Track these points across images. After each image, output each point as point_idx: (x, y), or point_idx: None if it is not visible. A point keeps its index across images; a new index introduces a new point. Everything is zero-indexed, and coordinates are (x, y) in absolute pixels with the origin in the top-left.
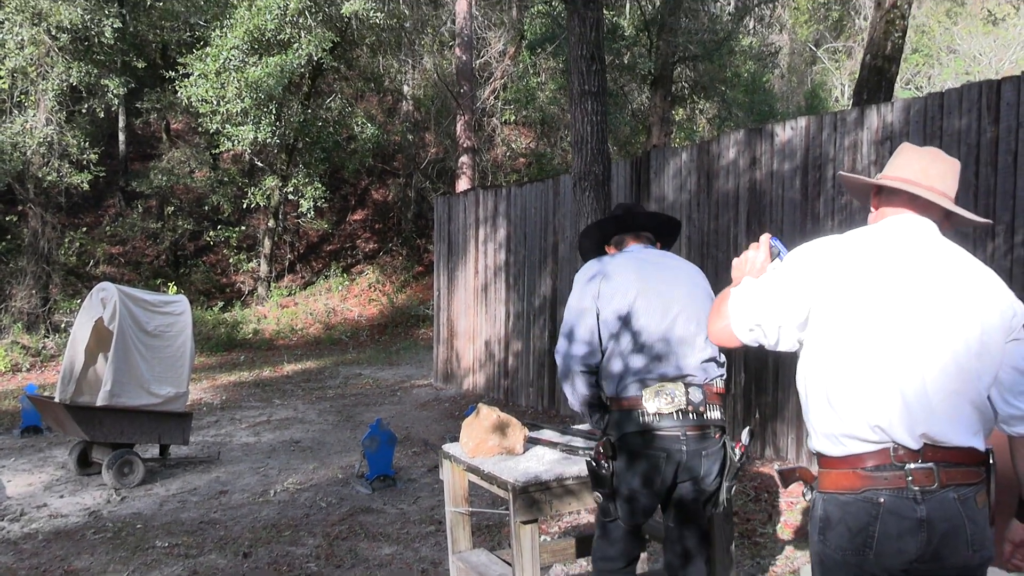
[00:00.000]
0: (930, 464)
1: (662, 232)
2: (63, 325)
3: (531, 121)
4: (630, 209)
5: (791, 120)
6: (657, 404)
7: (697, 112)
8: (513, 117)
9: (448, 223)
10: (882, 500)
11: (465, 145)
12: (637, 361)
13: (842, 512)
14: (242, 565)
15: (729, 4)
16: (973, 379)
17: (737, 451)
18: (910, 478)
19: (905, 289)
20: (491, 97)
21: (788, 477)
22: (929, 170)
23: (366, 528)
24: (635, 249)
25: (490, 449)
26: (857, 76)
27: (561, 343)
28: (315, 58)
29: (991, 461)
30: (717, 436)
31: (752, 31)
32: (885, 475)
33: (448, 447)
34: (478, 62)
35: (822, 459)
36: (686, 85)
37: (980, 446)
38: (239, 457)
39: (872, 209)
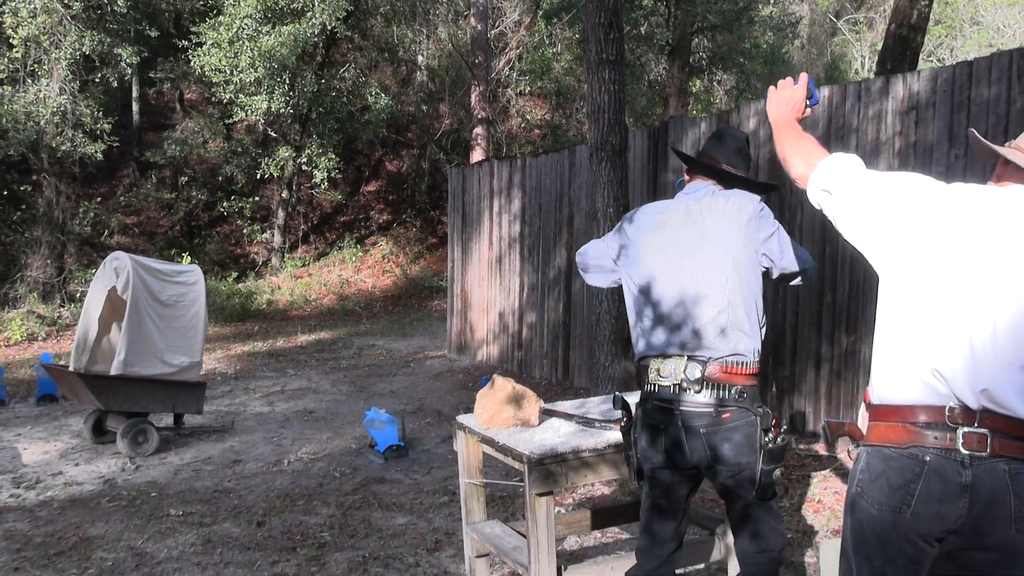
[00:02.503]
0: (985, 430)
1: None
2: (78, 295)
3: (546, 92)
4: (718, 140)
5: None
6: (658, 376)
7: (715, 83)
8: (528, 88)
9: (462, 194)
10: (927, 459)
11: (479, 116)
12: (648, 329)
13: (885, 466)
14: (256, 534)
15: None
16: None
17: (770, 434)
18: (962, 441)
19: (994, 244)
20: (506, 68)
21: (836, 431)
22: None
23: (380, 498)
24: (685, 193)
25: (505, 420)
26: (881, 46)
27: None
28: (329, 27)
29: None
30: (726, 416)
31: (772, 1)
32: (935, 434)
33: (462, 418)
34: (493, 32)
35: (874, 409)
36: (704, 56)
37: None
38: (253, 427)
39: (995, 175)
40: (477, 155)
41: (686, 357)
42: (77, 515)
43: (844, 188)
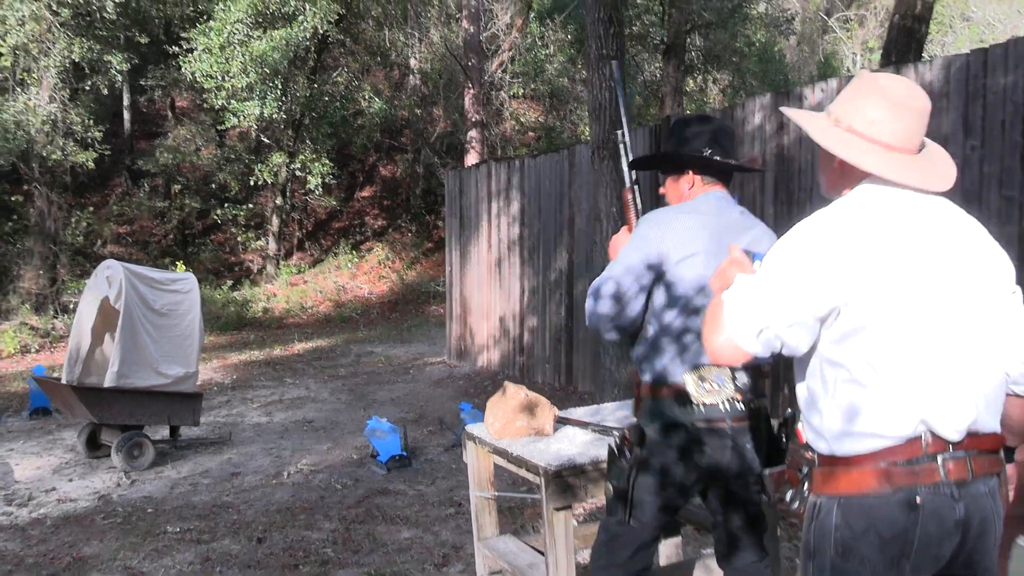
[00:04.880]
0: (962, 452)
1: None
2: (71, 306)
3: (540, 94)
4: (716, 132)
5: (821, 82)
6: (702, 391)
7: (710, 82)
8: (522, 90)
9: (460, 197)
10: (919, 499)
11: (474, 119)
12: (688, 341)
13: (869, 519)
14: (256, 551)
15: None
16: (1001, 348)
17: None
18: (944, 470)
19: (938, 265)
20: (499, 70)
21: (779, 481)
22: (913, 128)
23: (383, 511)
24: (717, 198)
25: (518, 430)
26: (873, 42)
27: (590, 302)
28: (320, 31)
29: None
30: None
31: None
32: (917, 469)
33: (472, 428)
34: (485, 35)
35: (835, 459)
36: (699, 54)
37: (999, 428)
38: (251, 438)
39: (831, 169)
40: (472, 158)
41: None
42: (71, 533)
43: (779, 309)
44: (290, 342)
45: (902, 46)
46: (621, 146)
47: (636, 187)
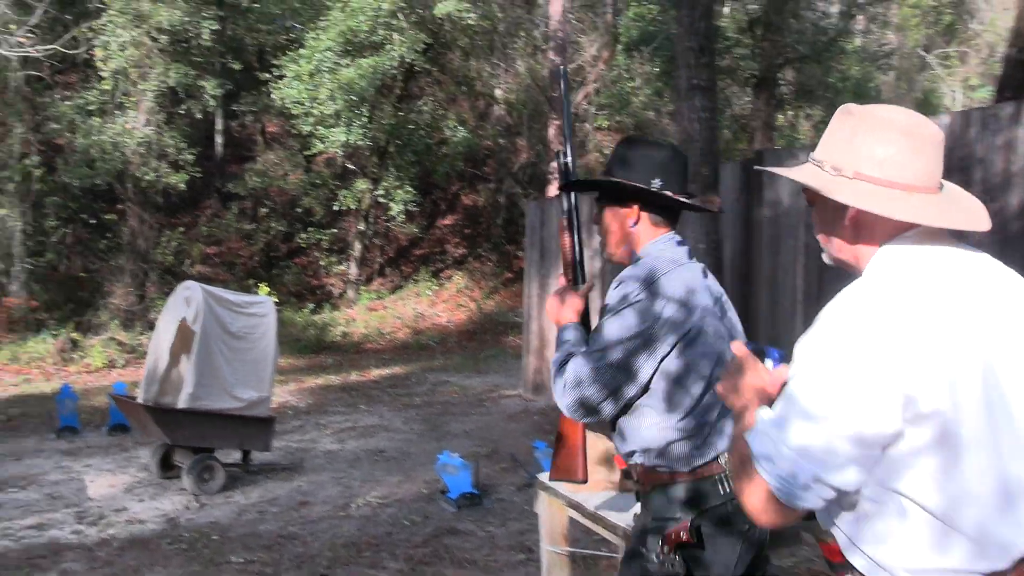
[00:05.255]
0: None
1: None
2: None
3: (624, 127)
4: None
5: (932, 117)
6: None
7: (802, 117)
8: (606, 122)
9: (540, 228)
10: None
11: (557, 150)
12: (720, 412)
13: None
14: None
15: (836, 2)
16: None
17: None
18: None
19: (1010, 346)
20: (584, 101)
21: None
22: (933, 162)
23: (451, 552)
24: (681, 259)
25: (596, 484)
26: (1000, 72)
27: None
28: (407, 60)
29: None
30: None
31: (864, 31)
32: None
33: (546, 478)
34: (571, 66)
35: None
36: (790, 88)
37: None
38: (322, 465)
39: (842, 228)
40: (554, 189)
41: None
42: (136, 557)
43: (833, 449)
44: (367, 368)
45: (1018, 81)
46: (562, 168)
47: (576, 219)
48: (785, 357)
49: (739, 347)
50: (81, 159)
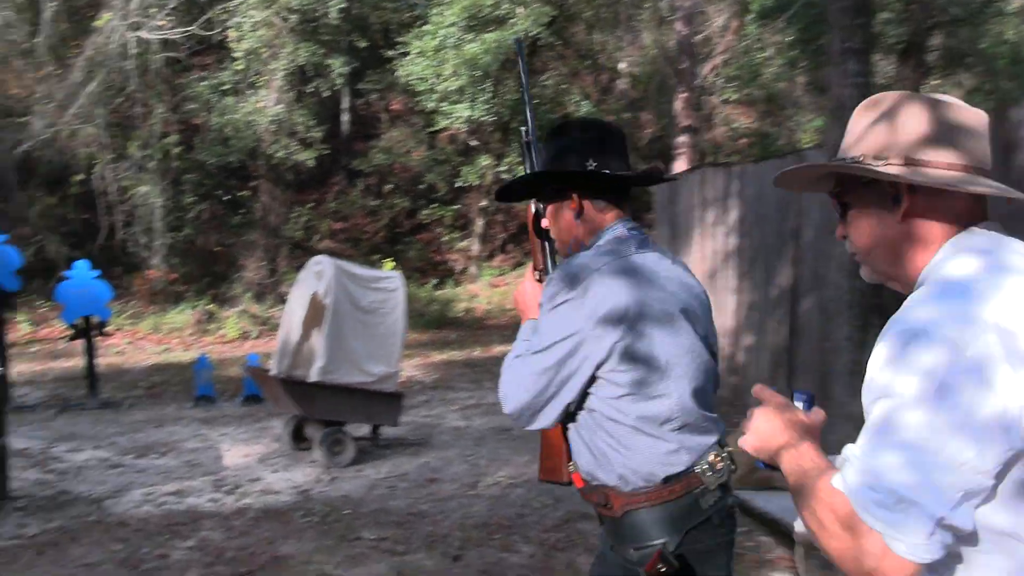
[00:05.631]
0: None
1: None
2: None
3: (754, 99)
4: (606, 138)
5: None
6: (715, 475)
7: (950, 86)
8: (735, 95)
9: (670, 205)
10: None
11: (683, 124)
12: (690, 420)
13: None
14: (451, 570)
15: None
16: None
17: None
18: None
19: None
20: (711, 74)
21: None
22: (982, 141)
23: (586, 538)
24: (644, 247)
25: (754, 479)
26: None
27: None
28: (531, 34)
29: None
30: None
31: None
32: None
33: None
34: (698, 37)
35: None
36: (939, 55)
37: None
38: (449, 442)
39: (888, 229)
40: (681, 164)
41: (716, 440)
42: (270, 528)
43: (950, 490)
44: (490, 344)
45: None
46: (524, 148)
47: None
48: (815, 400)
49: (765, 390)
50: (216, 137)
